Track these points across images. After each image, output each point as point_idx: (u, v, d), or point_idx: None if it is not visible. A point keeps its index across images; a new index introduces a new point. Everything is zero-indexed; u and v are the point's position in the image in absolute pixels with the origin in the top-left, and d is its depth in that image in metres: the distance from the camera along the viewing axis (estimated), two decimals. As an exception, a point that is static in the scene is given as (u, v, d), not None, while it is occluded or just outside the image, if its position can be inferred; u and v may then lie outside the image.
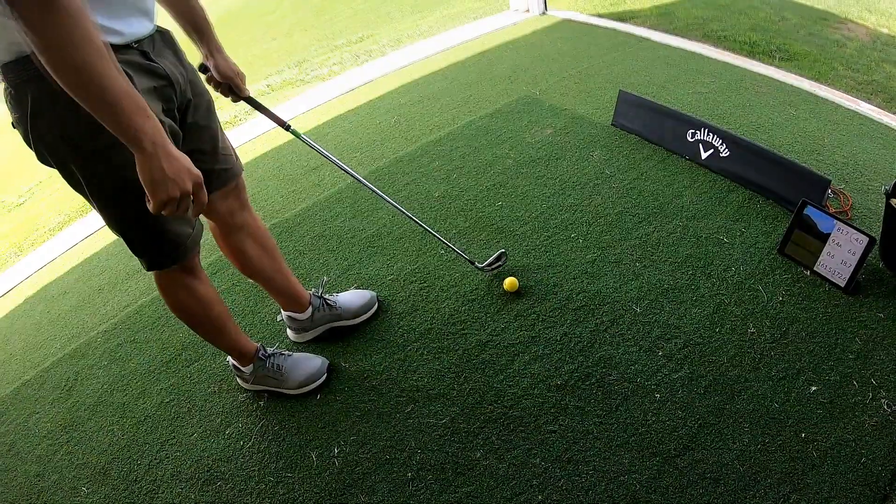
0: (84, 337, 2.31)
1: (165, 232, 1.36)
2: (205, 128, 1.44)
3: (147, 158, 1.02)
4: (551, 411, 1.70)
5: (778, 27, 4.40)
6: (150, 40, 1.26)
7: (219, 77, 1.51)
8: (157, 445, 1.81)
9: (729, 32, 4.11)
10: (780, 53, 3.83)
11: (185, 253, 1.43)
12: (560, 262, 2.16)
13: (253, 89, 5.16)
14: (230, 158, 1.58)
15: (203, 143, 1.45)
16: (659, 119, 2.68)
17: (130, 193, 1.17)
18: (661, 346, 1.82)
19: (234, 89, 1.56)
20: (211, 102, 1.47)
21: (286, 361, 1.85)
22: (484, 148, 2.87)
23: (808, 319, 1.84)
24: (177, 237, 1.39)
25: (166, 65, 1.27)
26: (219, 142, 1.51)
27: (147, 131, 1.01)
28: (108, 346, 2.21)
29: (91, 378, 2.10)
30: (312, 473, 1.67)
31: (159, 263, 1.42)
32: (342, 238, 2.47)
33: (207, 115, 1.45)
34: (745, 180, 2.38)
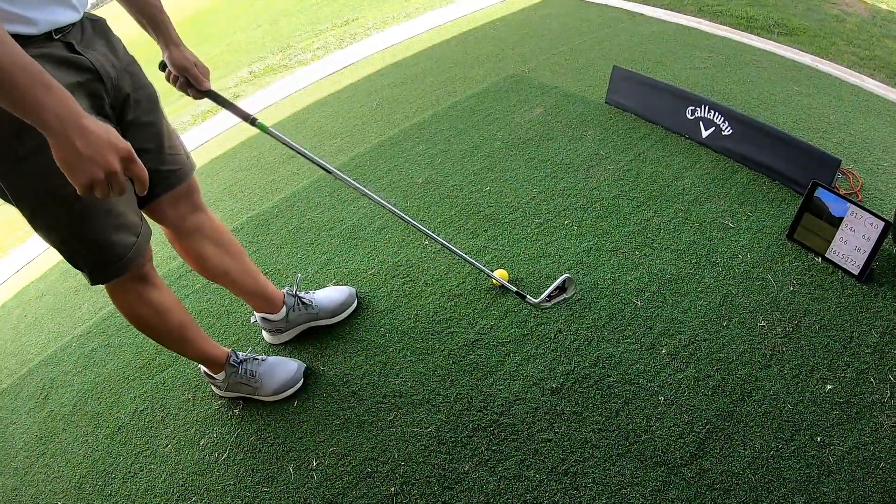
0: (60, 341, 2.18)
1: (105, 242, 1.21)
2: (147, 125, 1.30)
3: (56, 138, 0.86)
4: (545, 418, 1.54)
5: (775, 2, 4.22)
6: (78, 30, 1.13)
7: (175, 69, 1.38)
8: (132, 458, 1.69)
9: (725, 7, 3.92)
10: (778, 28, 3.66)
11: (129, 263, 1.28)
12: (553, 251, 1.99)
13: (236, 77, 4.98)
14: (179, 158, 1.42)
15: (146, 142, 1.30)
16: (656, 95, 2.49)
17: (61, 203, 1.08)
18: (664, 343, 1.66)
19: (192, 83, 1.42)
20: (155, 96, 1.33)
21: (260, 367, 1.71)
22: (470, 130, 2.68)
23: (821, 311, 1.69)
24: (118, 247, 1.24)
25: (95, 56, 1.14)
26: (164, 140, 1.36)
27: (49, 106, 0.84)
28: (83, 351, 2.08)
29: (66, 385, 1.98)
30: (290, 488, 1.53)
31: (102, 277, 1.28)
32: (321, 230, 2.28)
33: (150, 110, 1.31)
34: (749, 160, 2.22)
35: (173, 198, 1.43)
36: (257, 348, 1.89)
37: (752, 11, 3.86)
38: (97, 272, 1.26)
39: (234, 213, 2.55)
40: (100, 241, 1.20)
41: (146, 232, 1.32)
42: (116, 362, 2.00)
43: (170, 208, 1.44)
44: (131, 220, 1.25)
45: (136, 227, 1.27)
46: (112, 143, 0.90)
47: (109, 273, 1.27)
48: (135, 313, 1.42)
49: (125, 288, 1.36)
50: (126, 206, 1.24)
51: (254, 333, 1.93)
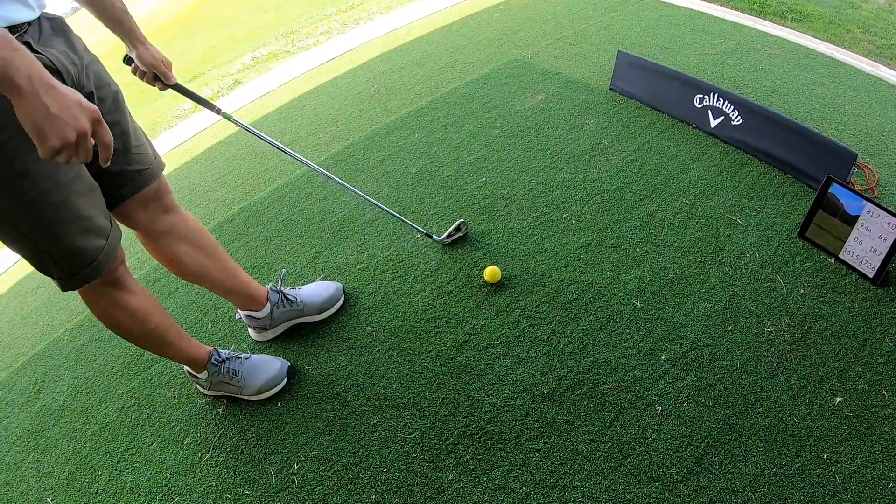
0: (53, 335, 2.10)
1: (73, 248, 1.14)
2: (112, 124, 1.22)
3: (25, 98, 0.80)
4: (535, 426, 1.41)
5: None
6: (36, 29, 1.08)
7: (143, 67, 1.40)
8: (118, 455, 1.62)
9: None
10: (791, 14, 3.44)
11: (100, 268, 1.20)
12: (549, 247, 1.85)
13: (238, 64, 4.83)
14: (146, 157, 1.33)
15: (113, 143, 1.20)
16: (662, 82, 2.31)
17: (25, 210, 1.04)
18: (664, 349, 1.52)
19: (160, 77, 1.44)
20: (119, 94, 1.27)
21: (243, 366, 1.61)
22: (468, 117, 2.52)
23: (832, 316, 1.54)
24: (87, 252, 1.16)
25: (53, 55, 1.08)
26: (131, 139, 1.28)
27: (18, 65, 0.79)
28: (74, 345, 2.01)
29: (58, 380, 1.91)
30: (270, 492, 1.44)
31: (72, 283, 1.20)
32: (311, 222, 2.16)
33: (115, 109, 1.25)
34: (759, 152, 2.04)
35: (142, 199, 1.35)
36: (244, 345, 1.78)
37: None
38: (67, 279, 1.19)
39: (225, 203, 2.44)
40: (67, 247, 1.13)
41: (116, 235, 1.23)
42: (106, 357, 1.92)
43: (139, 210, 1.36)
44: (99, 224, 1.17)
45: (104, 230, 1.19)
46: (80, 104, 0.85)
47: (80, 279, 1.19)
48: (111, 319, 1.35)
49: (99, 293, 1.29)
50: (93, 208, 1.16)
51: (242, 330, 1.83)
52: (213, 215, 2.39)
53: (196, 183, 2.67)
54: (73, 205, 1.10)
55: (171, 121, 3.87)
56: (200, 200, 2.54)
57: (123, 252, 1.30)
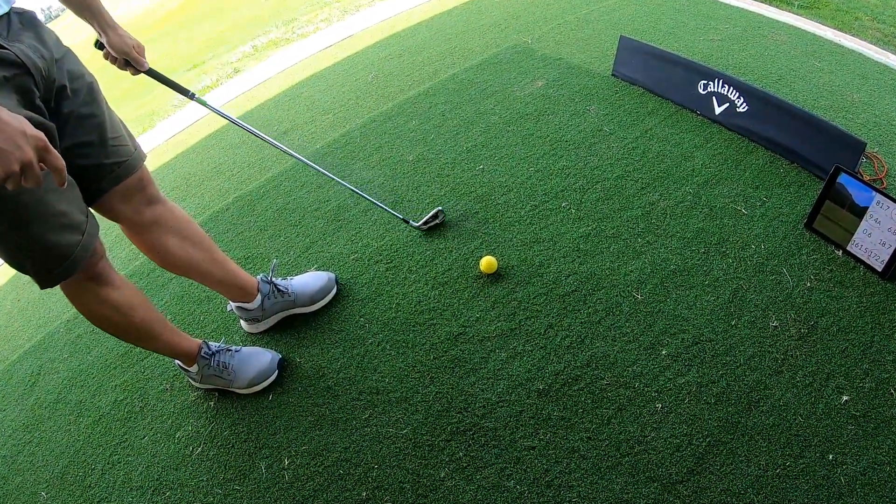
0: (49, 327, 2.06)
1: (48, 245, 1.09)
2: (88, 116, 1.18)
3: None
4: (530, 422, 1.34)
5: (795, -28, 3.82)
6: (4, 24, 1.05)
7: (114, 53, 1.33)
8: (111, 448, 1.58)
9: (742, -24, 3.54)
10: (798, 0, 3.29)
11: (76, 264, 1.14)
12: (547, 236, 1.76)
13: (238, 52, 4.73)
14: (125, 149, 1.26)
15: (87, 135, 1.19)
16: (666, 68, 2.20)
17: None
18: (665, 343, 1.44)
19: (132, 63, 1.36)
20: (94, 86, 1.22)
21: (233, 358, 1.55)
22: (466, 104, 2.41)
23: (839, 311, 1.46)
24: (62, 248, 1.11)
25: (21, 49, 1.04)
26: (107, 131, 1.22)
27: None
28: (69, 338, 1.96)
29: (52, 373, 1.86)
30: (261, 487, 1.38)
31: (49, 280, 1.15)
32: (305, 211, 2.07)
33: (90, 101, 1.20)
34: (765, 140, 1.94)
35: (123, 192, 1.28)
36: (236, 337, 1.72)
37: (772, -19, 3.50)
38: (43, 276, 1.14)
39: (221, 193, 2.36)
40: (41, 244, 1.08)
41: (92, 230, 1.17)
42: (100, 349, 1.87)
43: (121, 203, 1.29)
44: (74, 219, 1.11)
45: (80, 225, 1.13)
46: (24, 132, 0.82)
47: (56, 276, 1.14)
48: (94, 314, 1.30)
49: (80, 289, 1.25)
50: (68, 203, 1.10)
51: (235, 322, 1.76)
52: (209, 205, 2.31)
53: (192, 173, 2.59)
54: (47, 202, 1.05)
55: (169, 110, 3.79)
56: (196, 191, 2.46)
57: (103, 246, 1.24)
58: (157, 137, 3.27)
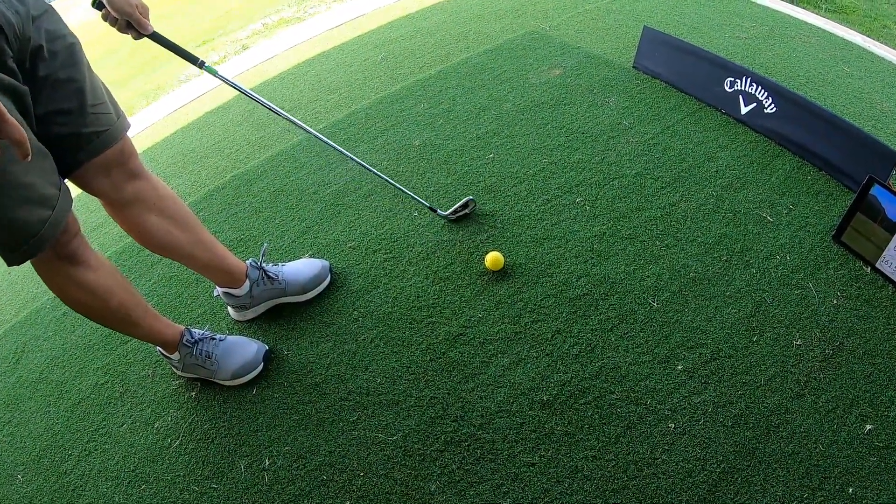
0: (36, 303, 1.92)
1: (12, 220, 0.97)
2: (66, 81, 1.06)
3: None
4: (531, 436, 1.21)
5: (823, -24, 3.64)
6: None
7: (115, 13, 1.17)
8: (88, 434, 1.47)
9: (770, -25, 3.36)
10: (826, 4, 3.13)
11: (43, 241, 1.02)
12: (559, 234, 1.62)
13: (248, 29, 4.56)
14: (107, 118, 1.12)
15: (65, 101, 1.06)
16: (690, 62, 2.04)
17: None
18: (681, 357, 1.30)
19: (134, 25, 1.21)
20: (75, 48, 1.08)
21: (217, 348, 1.42)
22: (478, 89, 2.25)
23: (866, 332, 1.33)
24: (28, 224, 0.99)
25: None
26: (87, 97, 1.09)
27: None
28: (55, 315, 1.83)
29: (36, 350, 1.74)
30: (239, 487, 1.26)
31: (15, 258, 1.03)
32: (303, 194, 1.93)
33: (70, 64, 1.07)
34: (794, 144, 1.79)
35: (102, 164, 1.14)
36: (223, 324, 1.59)
37: (800, -17, 3.32)
38: (8, 253, 1.02)
39: (218, 170, 2.21)
40: (3, 218, 0.96)
41: (64, 205, 1.04)
42: (84, 329, 1.75)
43: (100, 176, 1.16)
44: (43, 193, 0.98)
45: (50, 199, 1.00)
46: None
47: (21, 254, 1.02)
48: (69, 296, 1.19)
49: (53, 269, 1.14)
50: (36, 176, 0.96)
51: (222, 308, 1.63)
52: (204, 183, 2.17)
53: (190, 149, 2.44)
54: (11, 172, 0.92)
55: (175, 85, 3.64)
56: (193, 167, 2.31)
57: (77, 223, 1.11)
58: (159, 111, 3.12)
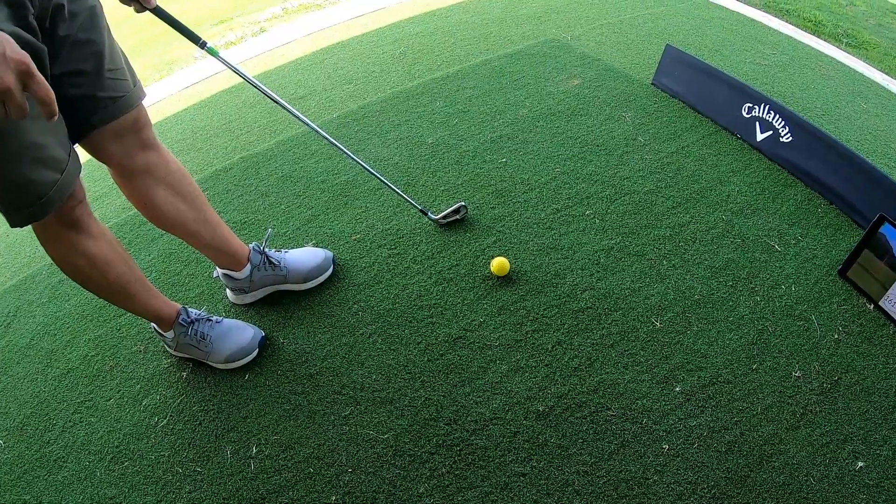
0: (32, 267, 1.89)
1: (18, 179, 0.95)
2: (85, 42, 1.02)
3: None
4: (524, 446, 1.20)
5: (845, 12, 3.66)
6: None
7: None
8: (74, 406, 1.45)
9: (793, 7, 3.36)
10: (847, 38, 3.13)
11: (50, 205, 1.00)
12: (567, 244, 1.61)
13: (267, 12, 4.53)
14: (123, 84, 1.09)
15: (83, 63, 1.03)
16: (710, 84, 2.04)
17: None
18: (680, 379, 1.29)
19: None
20: (96, 10, 1.05)
21: (213, 329, 1.40)
22: (496, 92, 2.24)
23: (864, 369, 1.33)
24: (35, 185, 0.96)
25: None
26: (105, 61, 1.06)
27: None
28: (50, 281, 1.80)
29: (29, 316, 1.71)
30: (224, 473, 1.24)
31: (19, 219, 1.01)
32: (311, 181, 1.90)
33: (90, 26, 1.03)
34: (807, 175, 1.79)
35: (115, 130, 1.12)
36: (220, 306, 1.56)
37: (821, 16, 3.31)
38: (13, 213, 0.99)
39: (227, 150, 2.18)
40: (11, 176, 0.94)
41: (73, 170, 1.02)
42: (79, 298, 1.72)
43: (112, 143, 1.13)
44: (53, 155, 0.96)
45: (59, 162, 0.98)
46: (4, 55, 0.68)
47: (26, 215, 1.00)
48: (68, 264, 1.16)
49: (54, 234, 1.11)
50: (47, 136, 0.94)
51: (220, 289, 1.61)
52: (212, 162, 2.14)
53: (200, 127, 2.42)
54: (22, 129, 0.89)
55: (190, 60, 3.61)
56: (202, 145, 2.28)
57: (83, 190, 1.09)
58: (171, 86, 3.09)
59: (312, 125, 1.43)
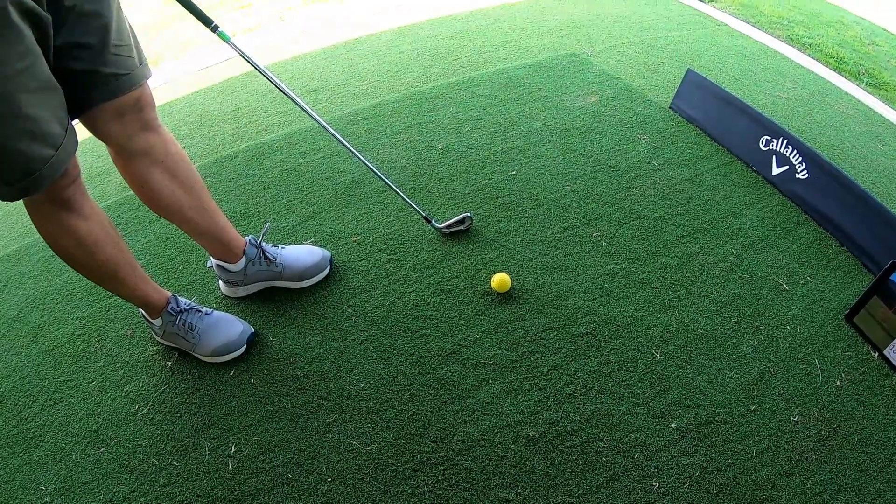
0: (28, 238, 1.86)
1: (11, 151, 0.92)
2: (91, 15, 0.98)
3: None
4: (511, 471, 1.17)
5: (867, 50, 3.64)
6: None
7: None
8: (56, 384, 1.42)
9: (815, 42, 3.34)
10: (867, 77, 3.11)
11: (42, 181, 0.97)
12: (572, 265, 1.58)
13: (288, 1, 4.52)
14: (128, 61, 1.06)
15: (87, 36, 1.00)
16: (729, 113, 2.01)
17: None
18: (676, 415, 1.26)
19: None
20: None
21: (202, 321, 1.38)
22: (511, 102, 2.21)
23: (864, 419, 1.30)
24: (29, 160, 0.94)
25: None
26: (111, 35, 1.03)
27: None
28: (44, 255, 1.77)
29: (19, 288, 1.68)
30: (200, 470, 1.22)
31: (9, 193, 0.98)
32: (315, 177, 1.88)
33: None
34: (820, 214, 1.76)
35: (117, 109, 1.08)
36: (210, 297, 1.54)
37: (844, 53, 3.29)
38: (4, 186, 0.96)
39: (233, 138, 2.16)
40: (1, 148, 0.90)
41: (69, 147, 0.98)
42: (71, 275, 1.69)
43: (112, 121, 1.10)
44: (48, 130, 0.92)
45: (54, 138, 0.95)
46: None
47: (17, 190, 0.97)
48: (57, 243, 1.14)
49: (44, 212, 1.09)
50: (42, 109, 0.90)
51: (213, 280, 1.58)
52: (217, 149, 2.12)
53: (207, 111, 2.39)
54: (16, 101, 0.86)
55: (205, 41, 3.59)
56: (207, 131, 2.26)
57: (78, 168, 1.06)
58: (181, 67, 3.07)
59: (321, 120, 1.40)
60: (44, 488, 1.21)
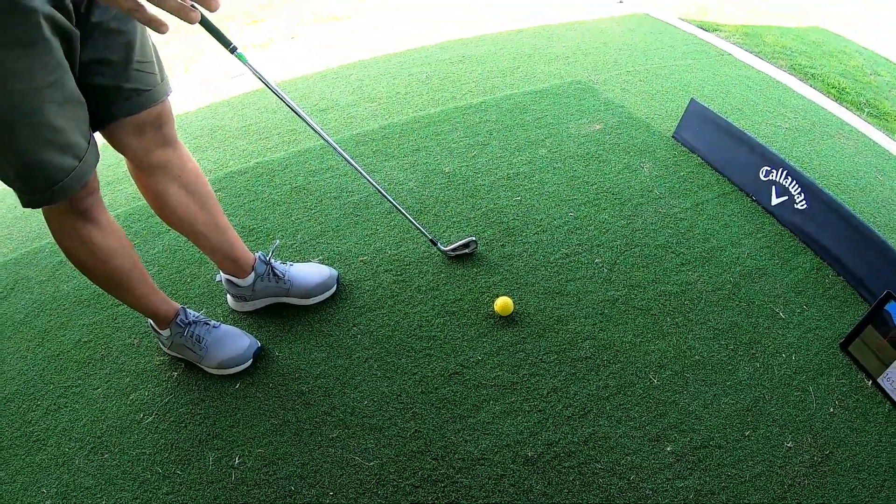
0: (38, 242, 1.94)
1: (35, 161, 0.96)
2: (116, 32, 1.03)
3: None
4: (509, 490, 1.22)
5: (869, 80, 3.75)
6: None
7: None
8: (61, 390, 1.46)
9: (818, 72, 3.45)
10: (868, 108, 3.20)
11: (64, 192, 1.02)
12: (573, 291, 1.64)
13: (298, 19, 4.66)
14: (150, 77, 1.12)
15: (111, 52, 1.04)
16: (730, 143, 2.10)
17: None
18: (672, 439, 1.31)
19: None
20: None
21: (210, 333, 1.43)
22: (517, 128, 2.30)
23: (856, 445, 1.35)
24: (52, 170, 0.98)
25: None
26: (135, 52, 1.08)
27: None
28: (52, 260, 1.83)
29: (27, 291, 1.74)
30: (203, 479, 1.26)
31: (32, 201, 1.03)
32: (324, 196, 1.95)
33: (124, 15, 1.03)
34: (817, 244, 1.83)
35: (137, 124, 1.14)
36: (218, 311, 1.60)
37: (845, 83, 3.39)
38: (27, 195, 1.01)
39: (244, 154, 2.25)
40: (28, 157, 0.95)
41: (91, 159, 1.04)
42: (79, 281, 1.75)
43: (132, 136, 1.16)
44: (72, 141, 0.98)
45: (77, 149, 1.00)
46: None
47: (39, 199, 1.02)
48: (70, 250, 1.19)
49: (62, 220, 1.13)
50: (68, 121, 0.96)
51: (221, 293, 1.64)
52: (227, 164, 2.20)
53: (219, 126, 2.49)
54: (43, 112, 0.91)
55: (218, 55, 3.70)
56: (218, 145, 2.35)
57: (97, 180, 1.12)
58: (194, 80, 3.17)
59: (330, 141, 1.47)
60: (45, 492, 1.26)
